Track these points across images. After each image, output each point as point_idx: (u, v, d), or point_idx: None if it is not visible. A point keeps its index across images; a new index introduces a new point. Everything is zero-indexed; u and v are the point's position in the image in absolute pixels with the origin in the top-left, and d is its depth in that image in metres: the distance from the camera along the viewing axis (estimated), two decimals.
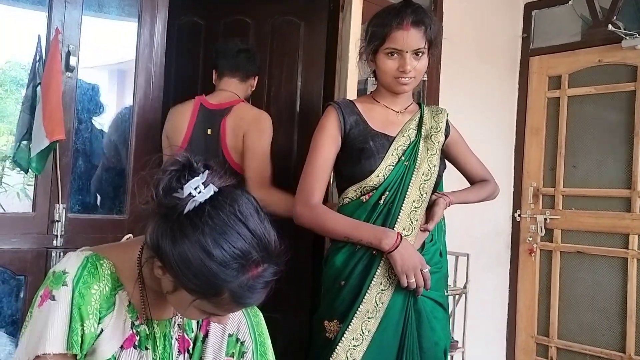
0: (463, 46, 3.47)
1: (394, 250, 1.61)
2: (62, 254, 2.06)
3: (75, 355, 1.06)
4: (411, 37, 1.67)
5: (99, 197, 2.51)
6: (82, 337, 1.06)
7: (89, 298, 1.07)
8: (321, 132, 1.75)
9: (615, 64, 3.48)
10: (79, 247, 1.17)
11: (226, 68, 2.52)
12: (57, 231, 2.09)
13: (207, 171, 1.02)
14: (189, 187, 0.99)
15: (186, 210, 0.98)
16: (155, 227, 1.01)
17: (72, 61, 2.11)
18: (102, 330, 1.09)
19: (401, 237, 1.64)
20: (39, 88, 2.05)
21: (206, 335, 1.24)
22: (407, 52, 1.68)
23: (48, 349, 1.03)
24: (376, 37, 1.71)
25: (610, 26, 3.40)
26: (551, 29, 3.80)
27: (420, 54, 1.70)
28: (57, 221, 2.09)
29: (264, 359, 1.29)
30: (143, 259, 1.11)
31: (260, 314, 1.32)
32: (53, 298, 1.05)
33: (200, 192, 0.99)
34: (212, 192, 1.01)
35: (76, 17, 2.14)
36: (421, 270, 1.63)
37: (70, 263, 1.09)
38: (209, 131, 2.38)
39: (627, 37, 3.34)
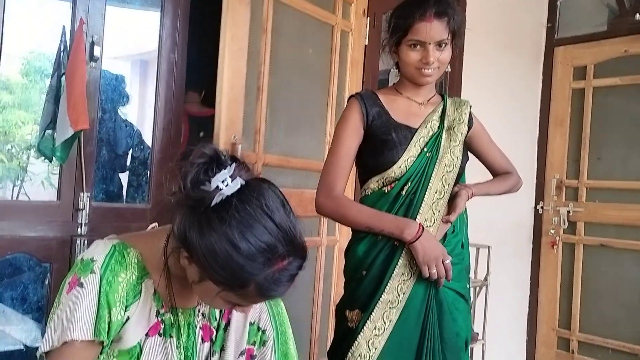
0: (486, 36, 3.43)
1: (415, 240, 1.61)
2: (86, 242, 2.10)
3: (102, 342, 1.08)
4: (434, 29, 1.65)
5: (123, 186, 2.54)
6: (109, 324, 1.07)
7: (117, 286, 1.08)
8: (344, 123, 1.75)
9: None
10: (102, 235, 1.18)
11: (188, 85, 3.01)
12: (81, 219, 2.12)
13: (234, 164, 1.02)
14: (217, 181, 0.99)
15: (213, 203, 0.99)
16: (183, 218, 1.02)
17: (96, 51, 2.14)
18: (128, 318, 1.10)
19: (423, 227, 1.63)
20: (63, 78, 2.07)
21: (228, 324, 1.24)
22: (430, 43, 1.66)
23: (76, 335, 1.04)
24: (399, 29, 1.69)
25: (637, 16, 3.34)
26: (576, 19, 3.74)
27: (444, 45, 1.68)
28: (82, 209, 2.12)
29: (285, 348, 1.30)
30: (169, 249, 1.11)
31: (282, 304, 1.32)
32: (81, 285, 1.06)
33: (227, 185, 1.00)
34: (239, 186, 1.01)
35: (100, 8, 2.16)
36: (443, 261, 1.63)
37: (98, 251, 1.10)
38: (201, 134, 3.00)
39: None
